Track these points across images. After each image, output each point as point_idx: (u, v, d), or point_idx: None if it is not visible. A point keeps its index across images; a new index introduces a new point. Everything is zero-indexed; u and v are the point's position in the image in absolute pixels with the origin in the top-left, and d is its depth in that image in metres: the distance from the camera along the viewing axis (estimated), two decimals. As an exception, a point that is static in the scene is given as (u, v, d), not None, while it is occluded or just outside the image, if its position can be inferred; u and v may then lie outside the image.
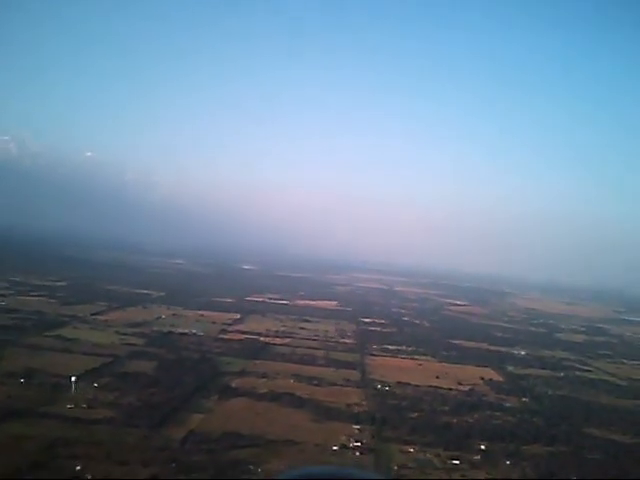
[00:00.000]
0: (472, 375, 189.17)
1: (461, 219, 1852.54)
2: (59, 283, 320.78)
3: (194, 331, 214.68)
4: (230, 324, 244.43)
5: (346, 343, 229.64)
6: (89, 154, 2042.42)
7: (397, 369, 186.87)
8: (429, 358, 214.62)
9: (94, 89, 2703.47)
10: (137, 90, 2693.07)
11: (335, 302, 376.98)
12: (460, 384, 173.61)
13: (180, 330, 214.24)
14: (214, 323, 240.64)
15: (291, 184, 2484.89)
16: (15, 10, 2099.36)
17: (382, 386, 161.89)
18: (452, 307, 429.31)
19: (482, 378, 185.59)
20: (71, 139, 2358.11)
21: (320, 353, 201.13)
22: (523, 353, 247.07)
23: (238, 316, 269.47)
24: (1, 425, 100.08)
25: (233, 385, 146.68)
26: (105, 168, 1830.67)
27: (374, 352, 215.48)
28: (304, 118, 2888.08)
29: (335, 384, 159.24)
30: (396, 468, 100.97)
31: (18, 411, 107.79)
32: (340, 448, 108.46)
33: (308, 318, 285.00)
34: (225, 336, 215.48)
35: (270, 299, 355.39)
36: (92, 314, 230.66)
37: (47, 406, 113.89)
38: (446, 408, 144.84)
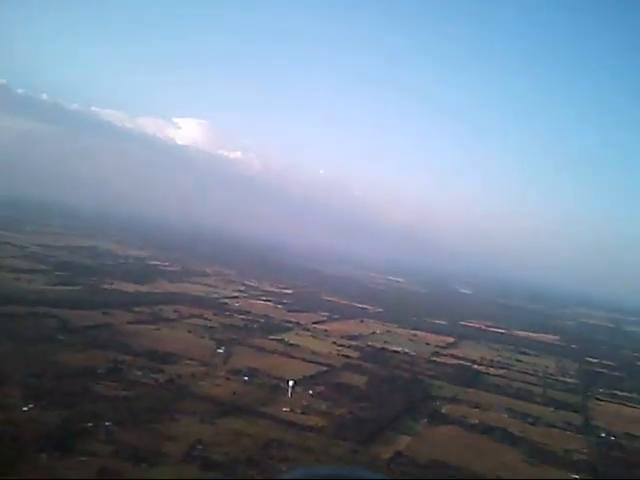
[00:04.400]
0: None
1: None
2: (286, 290, 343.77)
3: (407, 350, 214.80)
4: (443, 347, 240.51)
5: (567, 382, 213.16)
6: (322, 172, 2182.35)
7: (626, 418, 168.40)
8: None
9: (324, 114, 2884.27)
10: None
11: (556, 336, 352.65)
12: None
13: (393, 347, 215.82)
14: (427, 344, 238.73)
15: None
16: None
17: (607, 435, 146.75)
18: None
19: None
20: (307, 157, 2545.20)
21: (537, 390, 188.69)
22: None
23: (452, 340, 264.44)
24: (225, 419, 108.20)
25: (443, 411, 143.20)
26: (335, 185, 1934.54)
27: (600, 396, 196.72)
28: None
29: (553, 425, 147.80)
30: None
31: (240, 408, 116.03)
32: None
33: (526, 350, 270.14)
34: (438, 359, 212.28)
35: (486, 326, 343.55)
36: (313, 322, 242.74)
37: (265, 406, 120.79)
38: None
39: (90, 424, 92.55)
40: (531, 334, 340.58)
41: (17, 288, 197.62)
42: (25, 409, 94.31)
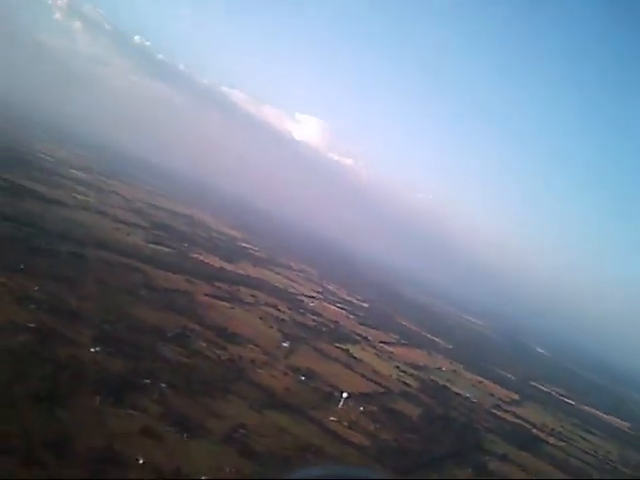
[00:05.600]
0: None
1: None
2: (362, 303, 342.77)
3: (468, 395, 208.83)
4: (506, 402, 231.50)
5: (626, 473, 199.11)
6: (420, 195, 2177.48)
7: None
8: None
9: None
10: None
11: (627, 422, 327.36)
12: None
13: (455, 389, 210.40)
14: (491, 395, 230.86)
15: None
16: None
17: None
18: None
19: None
20: (411, 177, 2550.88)
21: (594, 472, 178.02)
22: None
23: (517, 397, 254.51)
24: (272, 411, 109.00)
25: (490, 467, 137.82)
26: (433, 211, 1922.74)
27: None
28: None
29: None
30: None
31: (290, 405, 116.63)
32: None
33: (592, 429, 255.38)
34: (497, 412, 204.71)
35: (556, 393, 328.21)
36: (381, 341, 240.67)
37: (314, 410, 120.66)
38: None
39: (147, 381, 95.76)
40: (600, 413, 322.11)
41: (115, 238, 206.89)
42: (92, 350, 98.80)
